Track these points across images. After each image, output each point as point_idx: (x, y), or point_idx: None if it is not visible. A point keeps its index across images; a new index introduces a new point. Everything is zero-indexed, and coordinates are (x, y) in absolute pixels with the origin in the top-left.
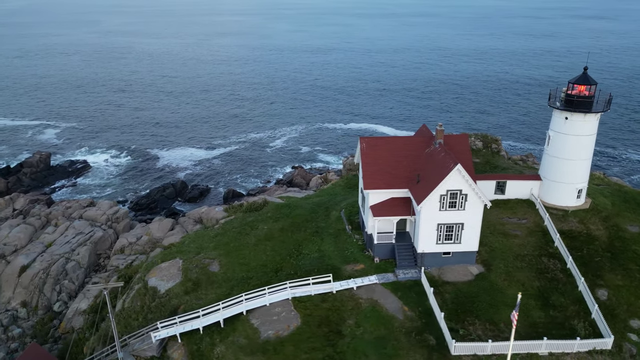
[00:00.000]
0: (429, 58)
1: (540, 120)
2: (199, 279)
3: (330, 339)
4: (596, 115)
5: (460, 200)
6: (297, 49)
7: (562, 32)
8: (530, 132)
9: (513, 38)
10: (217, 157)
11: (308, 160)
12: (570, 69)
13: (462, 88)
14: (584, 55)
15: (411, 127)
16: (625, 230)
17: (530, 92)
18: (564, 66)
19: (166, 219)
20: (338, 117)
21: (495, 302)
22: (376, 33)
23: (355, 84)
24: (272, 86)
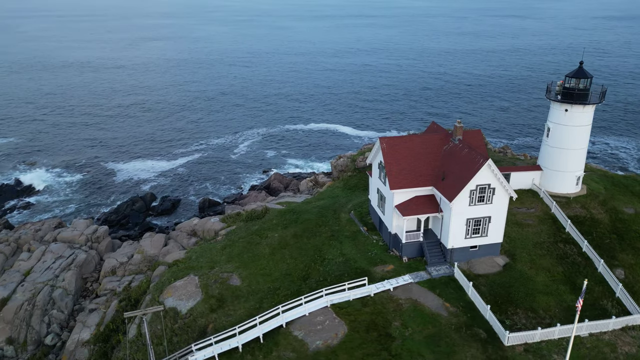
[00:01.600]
0: (372, 59)
1: (489, 115)
2: (223, 295)
3: (382, 343)
4: (593, 106)
5: (488, 194)
6: (236, 52)
7: (486, 30)
8: (486, 124)
9: (444, 37)
10: (180, 166)
11: (276, 164)
12: (500, 66)
13: (408, 86)
14: (510, 52)
15: (368, 127)
16: (623, 212)
17: (472, 88)
18: (494, 64)
19: (157, 235)
20: (295, 120)
21: (529, 290)
22: (313, 36)
23: (302, 87)
24: (219, 91)
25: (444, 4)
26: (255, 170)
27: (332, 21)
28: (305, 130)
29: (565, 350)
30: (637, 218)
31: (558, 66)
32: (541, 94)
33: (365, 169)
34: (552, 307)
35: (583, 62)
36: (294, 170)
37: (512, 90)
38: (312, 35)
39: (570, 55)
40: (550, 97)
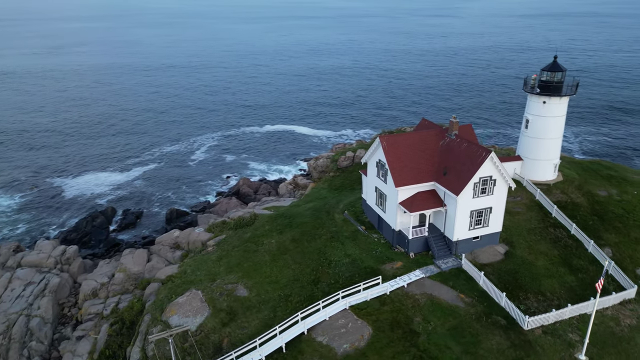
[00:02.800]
0: (315, 60)
1: (438, 111)
2: (232, 307)
3: (408, 340)
4: (568, 97)
5: (490, 186)
6: (175, 56)
7: (416, 30)
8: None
9: (380, 36)
10: (137, 178)
11: (238, 168)
12: (434, 64)
13: (355, 85)
14: (444, 51)
15: (324, 127)
16: (598, 195)
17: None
18: (435, 62)
19: (138, 251)
20: (249, 123)
21: (533, 275)
22: (252, 38)
23: (248, 90)
24: (164, 97)
25: (373, 4)
26: (218, 177)
27: (269, 23)
28: (261, 133)
29: (578, 329)
30: (611, 200)
31: (489, 63)
32: (474, 91)
33: (348, 168)
34: (557, 289)
35: (557, 57)
36: (258, 174)
37: (460, 86)
38: (251, 37)
39: (498, 53)
40: (529, 91)
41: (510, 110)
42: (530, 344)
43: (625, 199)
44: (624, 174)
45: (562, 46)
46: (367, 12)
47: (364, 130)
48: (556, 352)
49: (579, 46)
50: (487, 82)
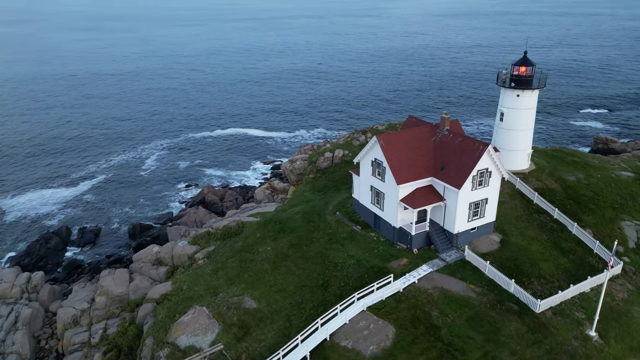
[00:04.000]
0: (252, 61)
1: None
2: (244, 321)
3: (432, 334)
4: (538, 90)
5: (486, 178)
6: (101, 61)
7: (347, 31)
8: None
9: (314, 37)
10: (86, 192)
11: (195, 176)
12: (362, 62)
13: (295, 85)
14: (372, 50)
15: (277, 128)
16: (569, 180)
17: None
18: (354, 58)
19: (118, 271)
20: (197, 128)
21: (530, 260)
22: (179, 41)
23: (189, 94)
24: (96, 106)
25: (299, 5)
26: (174, 186)
27: (197, 26)
28: (213, 138)
29: (582, 307)
30: (580, 184)
31: (417, 59)
32: (409, 90)
33: (328, 169)
34: (554, 272)
35: (527, 52)
36: (216, 181)
37: (401, 84)
38: (181, 41)
39: (427, 50)
40: (503, 85)
41: (463, 104)
42: (544, 326)
43: (592, 182)
44: (585, 159)
45: (482, 43)
46: (294, 13)
47: (317, 130)
48: (568, 331)
49: (499, 42)
50: (426, 80)
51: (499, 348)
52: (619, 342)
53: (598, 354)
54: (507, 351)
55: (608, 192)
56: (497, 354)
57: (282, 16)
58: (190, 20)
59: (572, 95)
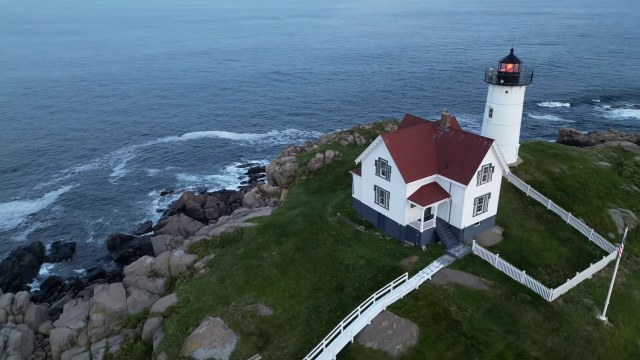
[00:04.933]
0: (211, 63)
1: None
2: (262, 329)
3: (454, 329)
4: (525, 86)
5: (489, 173)
6: (49, 66)
7: (301, 30)
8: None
9: (270, 37)
10: (54, 204)
11: (167, 183)
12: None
13: (259, 85)
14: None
15: (248, 130)
16: (554, 172)
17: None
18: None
19: (112, 285)
20: (164, 132)
21: (534, 251)
22: (135, 43)
23: (150, 97)
24: (49, 112)
25: (250, 5)
26: (147, 194)
27: (152, 28)
28: (182, 142)
29: (588, 293)
30: (566, 175)
31: (378, 59)
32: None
33: (320, 170)
34: (557, 261)
35: (513, 50)
36: (190, 186)
37: (365, 84)
38: (137, 43)
39: (384, 49)
40: (492, 82)
41: (418, 103)
42: (559, 314)
43: (575, 173)
44: (565, 151)
45: (437, 42)
46: (247, 14)
47: (289, 130)
48: (581, 317)
49: (453, 42)
50: (389, 79)
51: (520, 338)
52: (626, 325)
53: (611, 338)
54: (529, 341)
55: (592, 181)
56: (519, 344)
57: (235, 17)
58: (141, 22)
59: (527, 91)
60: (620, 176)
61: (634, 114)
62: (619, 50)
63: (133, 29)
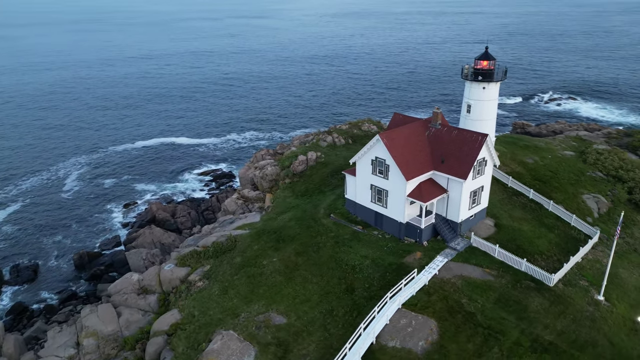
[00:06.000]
0: (145, 66)
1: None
2: (280, 338)
3: (470, 321)
4: (499, 82)
5: (482, 167)
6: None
7: (242, 32)
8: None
9: (211, 40)
10: (4, 224)
11: (125, 193)
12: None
13: (201, 89)
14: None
15: (204, 134)
16: (529, 163)
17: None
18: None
19: (101, 307)
20: (112, 140)
21: (527, 239)
22: (57, 46)
23: (89, 104)
24: None
25: (188, 7)
26: (106, 206)
27: (80, 31)
28: (137, 150)
29: (582, 275)
30: (539, 165)
31: (324, 59)
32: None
33: (304, 172)
34: (549, 247)
35: (488, 47)
36: (153, 196)
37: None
38: (65, 48)
39: (329, 48)
40: (469, 79)
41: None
42: (562, 297)
43: (547, 163)
44: (533, 143)
45: (379, 42)
46: (185, 15)
47: (248, 133)
48: (581, 299)
49: (395, 41)
50: (340, 79)
51: (532, 324)
52: (621, 302)
53: (610, 316)
54: (540, 326)
55: (562, 170)
56: (532, 330)
57: (171, 20)
58: (69, 25)
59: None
60: (585, 164)
61: (570, 106)
62: (549, 47)
63: (61, 33)
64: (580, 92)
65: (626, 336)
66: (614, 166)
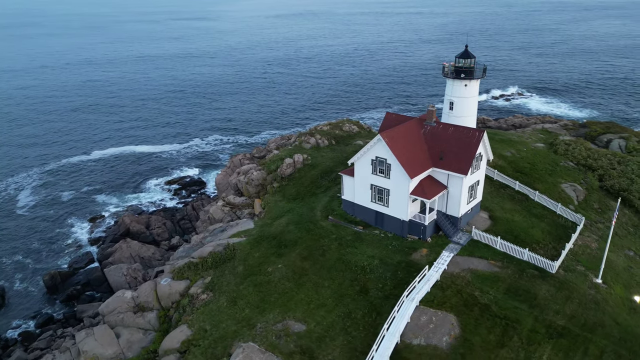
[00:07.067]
0: (87, 72)
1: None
2: (302, 345)
3: (487, 312)
4: (479, 79)
5: (478, 162)
6: None
7: (186, 35)
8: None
9: (150, 43)
10: None
11: (87, 206)
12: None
13: (148, 93)
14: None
15: (164, 141)
16: (508, 156)
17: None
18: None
19: (97, 329)
20: (66, 151)
21: (522, 229)
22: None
23: (35, 114)
24: None
25: (123, 9)
26: (68, 220)
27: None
28: (93, 160)
29: (578, 261)
30: (516, 157)
31: (275, 60)
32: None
33: (293, 175)
34: (542, 235)
35: (467, 45)
36: (114, 208)
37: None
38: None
39: (283, 50)
40: (452, 77)
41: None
42: (566, 283)
43: (524, 155)
44: (506, 136)
45: (328, 42)
46: (122, 18)
47: (211, 137)
48: (582, 283)
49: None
50: (290, 81)
51: (544, 311)
52: (615, 284)
53: (610, 297)
54: (551, 312)
55: (538, 161)
56: (545, 316)
57: (109, 22)
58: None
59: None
60: (557, 154)
61: (519, 101)
62: (489, 45)
63: None
64: (526, 88)
65: (628, 315)
66: (583, 155)
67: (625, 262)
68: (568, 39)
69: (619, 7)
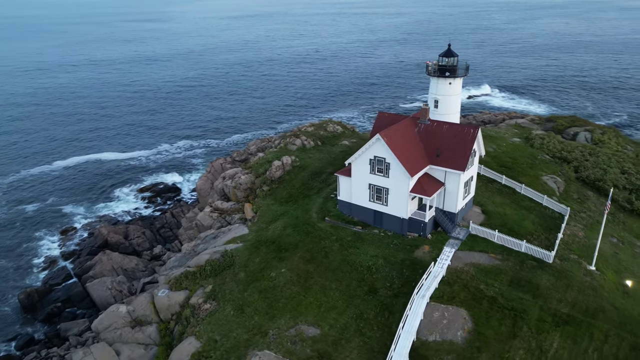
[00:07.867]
0: (36, 78)
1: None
2: (319, 350)
3: (496, 305)
4: (462, 77)
5: (473, 158)
6: None
7: (139, 37)
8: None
9: (100, 45)
10: None
11: (53, 220)
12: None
13: (112, 98)
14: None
15: (133, 147)
16: (491, 152)
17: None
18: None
19: (95, 347)
20: (25, 162)
21: (515, 221)
22: None
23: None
24: None
25: (62, 11)
26: (35, 234)
27: None
28: (57, 170)
29: (570, 249)
30: (498, 152)
31: (236, 63)
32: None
33: (282, 178)
34: (534, 227)
35: (450, 44)
36: (84, 220)
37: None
38: None
39: (233, 52)
40: (437, 75)
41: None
42: (563, 272)
43: (504, 150)
44: (485, 131)
45: (286, 44)
46: (67, 20)
47: (181, 142)
48: (578, 271)
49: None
50: (250, 84)
51: (548, 300)
52: (607, 270)
53: (605, 283)
54: (554, 300)
55: (519, 155)
56: (550, 305)
57: (46, 24)
58: None
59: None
60: (533, 148)
61: (481, 98)
62: (445, 44)
63: None
64: (489, 86)
65: (623, 299)
66: (557, 148)
67: (611, 249)
68: (518, 38)
69: (561, 6)
